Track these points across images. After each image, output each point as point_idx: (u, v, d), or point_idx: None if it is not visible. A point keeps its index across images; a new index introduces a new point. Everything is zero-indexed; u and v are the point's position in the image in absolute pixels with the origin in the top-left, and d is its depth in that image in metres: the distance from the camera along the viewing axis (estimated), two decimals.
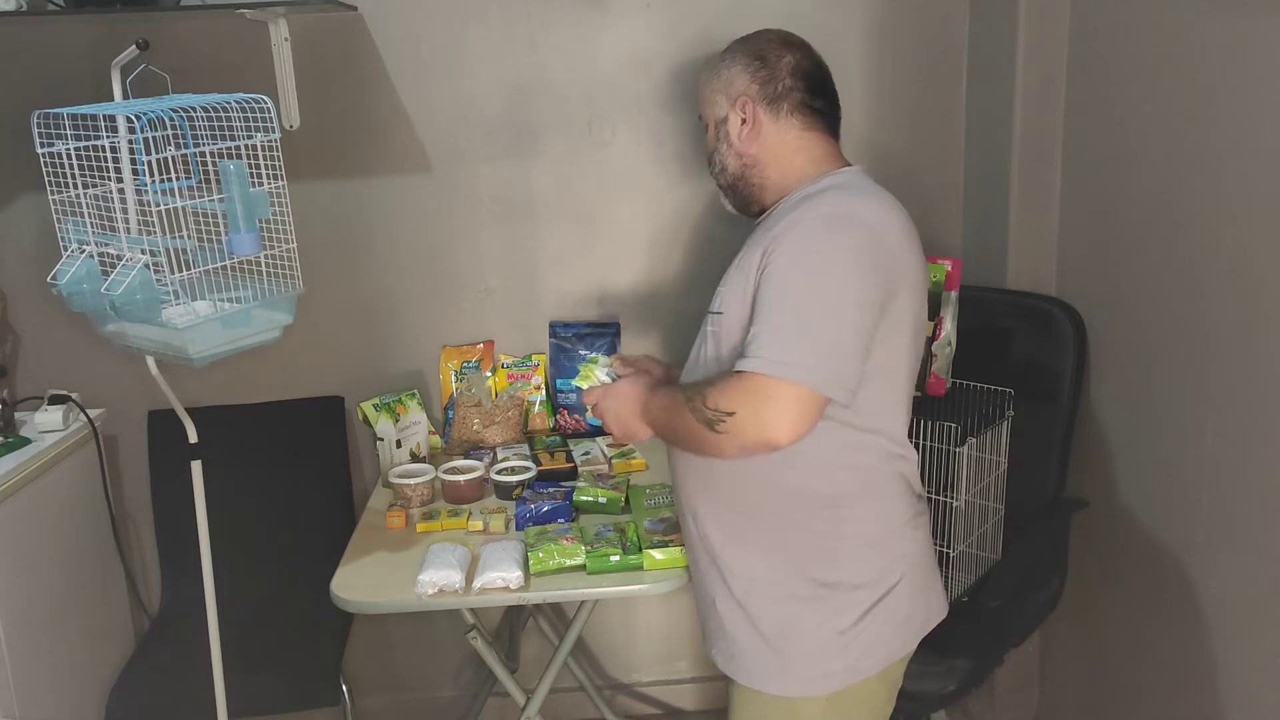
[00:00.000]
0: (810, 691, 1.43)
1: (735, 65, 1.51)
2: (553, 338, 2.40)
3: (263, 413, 2.40)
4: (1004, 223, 2.16)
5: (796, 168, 1.48)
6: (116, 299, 1.42)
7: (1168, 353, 1.73)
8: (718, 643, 1.54)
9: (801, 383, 1.25)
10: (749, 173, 1.50)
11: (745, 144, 1.49)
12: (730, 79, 1.50)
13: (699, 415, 1.31)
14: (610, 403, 1.51)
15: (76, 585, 2.16)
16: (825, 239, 1.33)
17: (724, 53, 1.54)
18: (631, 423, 1.48)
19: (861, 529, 1.42)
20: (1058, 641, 2.20)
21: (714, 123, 1.53)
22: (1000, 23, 2.13)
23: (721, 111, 1.51)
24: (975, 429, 1.86)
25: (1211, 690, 1.65)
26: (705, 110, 1.55)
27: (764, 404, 1.25)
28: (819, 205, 1.37)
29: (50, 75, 2.19)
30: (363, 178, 2.33)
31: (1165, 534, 1.77)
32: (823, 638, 1.42)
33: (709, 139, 1.55)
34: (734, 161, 1.51)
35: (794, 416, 1.25)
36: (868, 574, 1.43)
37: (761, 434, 1.26)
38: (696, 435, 1.33)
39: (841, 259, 1.31)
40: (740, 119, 1.49)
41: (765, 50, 1.50)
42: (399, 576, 1.75)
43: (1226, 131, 1.54)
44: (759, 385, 1.26)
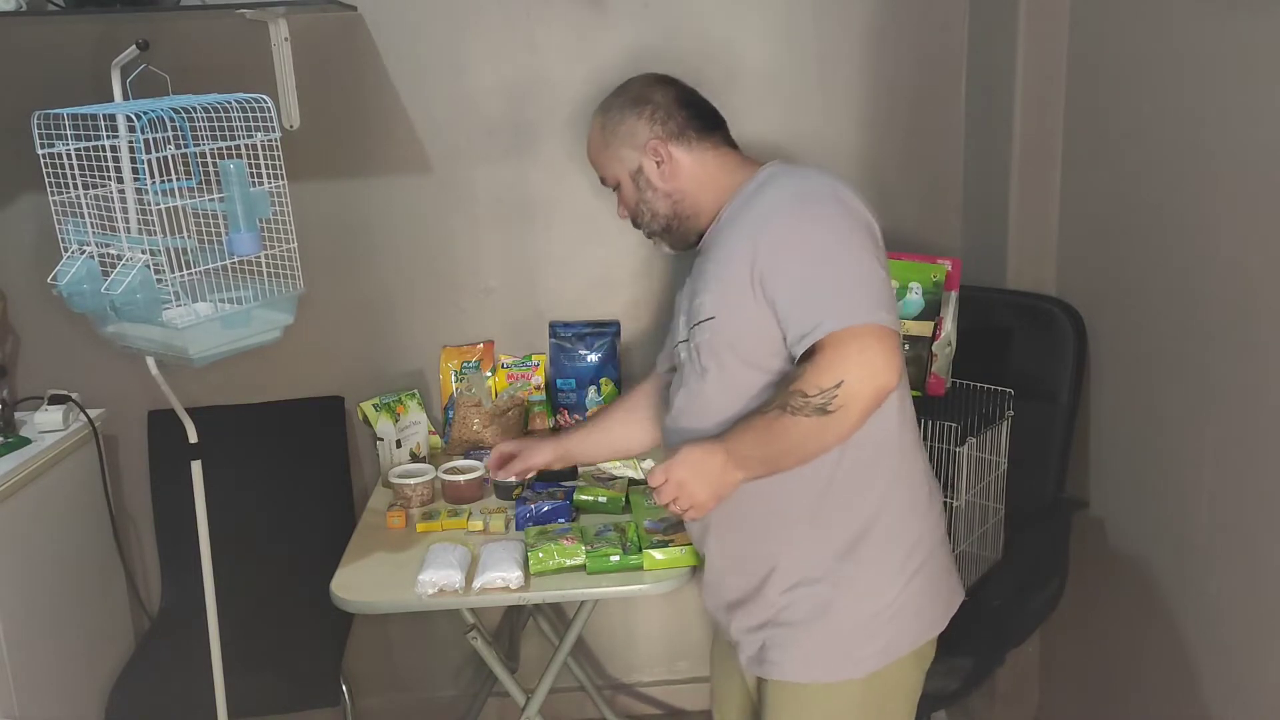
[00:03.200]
0: (847, 674, 1.44)
1: (627, 118, 1.54)
2: (553, 338, 2.40)
3: (263, 413, 2.40)
4: (1004, 223, 2.16)
5: (722, 183, 1.51)
6: (116, 299, 1.42)
7: (1168, 352, 1.73)
8: (747, 647, 1.52)
9: (877, 322, 1.27)
10: (680, 207, 1.53)
11: (669, 183, 1.52)
12: (630, 131, 1.53)
13: (806, 410, 1.26)
14: (684, 469, 1.33)
15: (76, 585, 2.16)
16: (808, 212, 1.37)
17: (604, 114, 1.56)
18: (718, 474, 1.32)
19: (888, 504, 1.44)
20: (1058, 641, 2.20)
21: (628, 177, 1.54)
22: (1000, 23, 2.13)
23: (633, 164, 1.53)
24: (975, 429, 1.86)
25: (1211, 690, 1.65)
26: (612, 170, 1.56)
27: (862, 355, 1.25)
28: (776, 193, 1.41)
29: (50, 75, 2.19)
30: (363, 178, 2.33)
31: (1165, 534, 1.77)
32: (859, 618, 1.43)
33: (627, 196, 1.56)
34: (663, 203, 1.53)
35: (890, 353, 1.27)
36: (897, 551, 1.44)
37: (875, 383, 1.26)
38: (813, 433, 1.27)
39: (832, 221, 1.35)
40: (655, 162, 1.52)
41: (646, 94, 1.54)
42: (399, 576, 1.75)
43: (1226, 131, 1.54)
44: (846, 342, 1.26)
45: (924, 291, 1.92)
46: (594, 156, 1.59)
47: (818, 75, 2.33)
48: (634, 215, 1.57)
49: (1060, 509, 2.03)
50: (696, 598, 2.58)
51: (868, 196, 1.41)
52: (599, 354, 2.36)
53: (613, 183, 1.58)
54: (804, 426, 1.27)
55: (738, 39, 2.29)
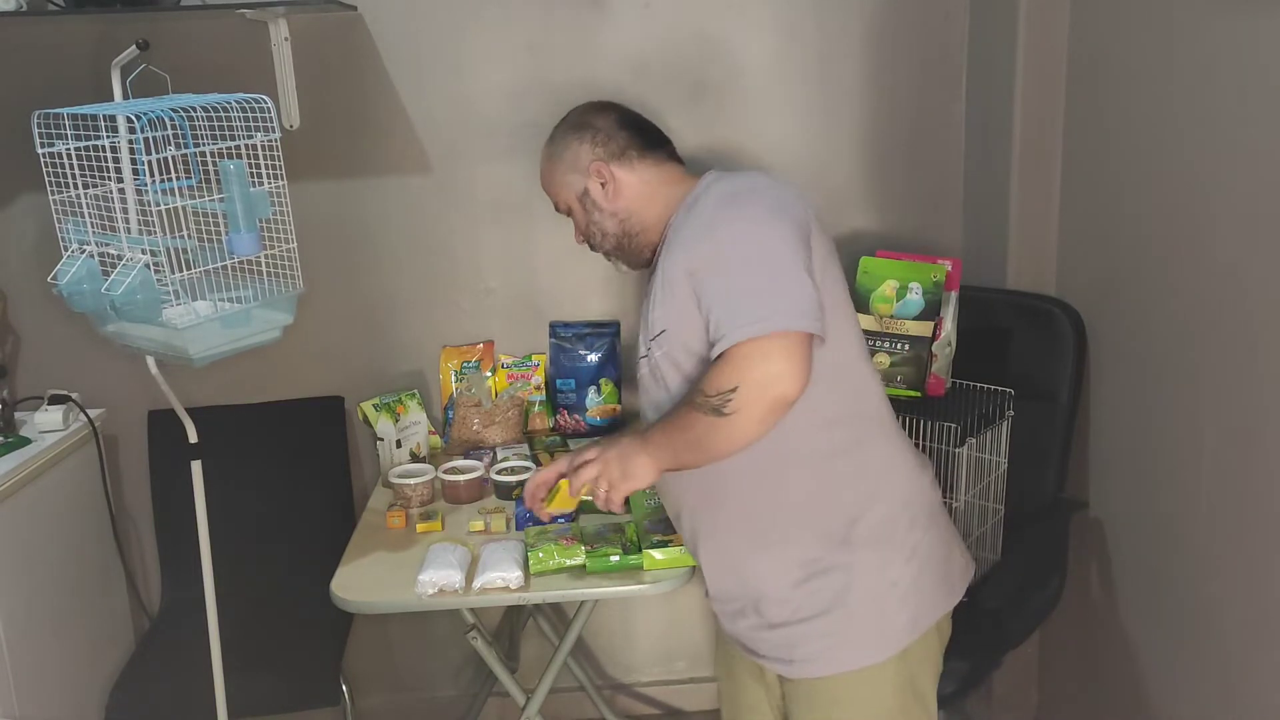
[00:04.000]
0: (882, 655, 1.44)
1: (570, 144, 1.59)
2: (553, 338, 2.40)
3: (263, 413, 2.40)
4: (1004, 223, 2.16)
5: (666, 197, 1.55)
6: (117, 299, 1.42)
7: (1168, 353, 1.73)
8: (767, 649, 1.51)
9: (780, 330, 1.27)
10: (628, 224, 1.57)
11: (614, 202, 1.57)
12: (574, 156, 1.58)
13: (704, 409, 1.29)
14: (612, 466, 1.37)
15: (76, 585, 2.16)
16: (728, 215, 1.39)
17: (550, 144, 1.63)
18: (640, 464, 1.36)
19: (880, 475, 1.46)
20: (1057, 642, 2.20)
21: (577, 200, 1.60)
22: (1000, 22, 2.13)
23: (579, 186, 1.58)
24: (975, 429, 1.86)
25: (1211, 691, 1.65)
26: (562, 196, 1.62)
27: (758, 365, 1.26)
28: (706, 200, 1.44)
29: (50, 75, 2.19)
30: (363, 178, 2.33)
31: (1165, 534, 1.77)
32: (878, 597, 1.44)
33: (578, 220, 1.62)
34: (611, 222, 1.58)
35: (792, 363, 1.26)
36: (899, 521, 1.45)
37: (771, 393, 1.26)
38: (711, 431, 1.29)
39: (752, 220, 1.37)
40: (600, 183, 1.57)
41: (587, 120, 1.60)
42: (399, 576, 1.75)
43: (1227, 131, 1.54)
44: (745, 351, 1.27)
45: (924, 291, 1.92)
46: (545, 184, 1.65)
47: (818, 75, 2.33)
48: (587, 238, 1.63)
49: (1060, 509, 2.03)
50: (696, 598, 2.59)
51: (868, 197, 1.41)
52: (599, 354, 2.36)
53: (564, 208, 1.63)
54: (703, 425, 1.30)
55: (738, 39, 2.29)
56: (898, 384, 1.93)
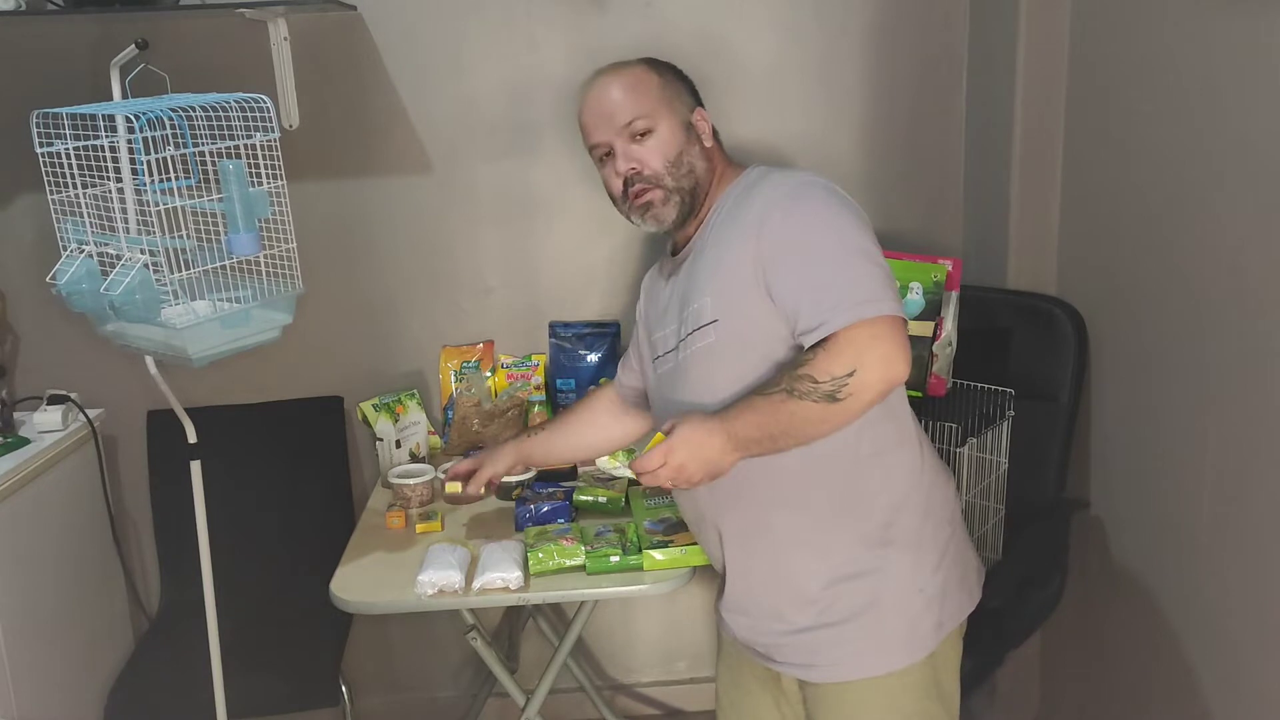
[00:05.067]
0: (909, 660, 1.43)
1: (677, 79, 1.54)
2: (553, 338, 2.40)
3: (262, 413, 2.40)
4: (1004, 222, 2.15)
5: (723, 174, 1.52)
6: (116, 299, 1.42)
7: (1169, 353, 1.73)
8: (788, 656, 1.49)
9: (888, 312, 1.28)
10: (708, 177, 1.51)
11: (710, 151, 1.52)
12: (680, 91, 1.52)
13: (815, 395, 1.26)
14: (685, 449, 1.29)
15: (76, 585, 2.15)
16: (806, 204, 1.37)
17: (650, 64, 1.53)
18: (718, 454, 1.30)
19: (908, 479, 1.45)
20: (1058, 642, 2.20)
21: (679, 125, 1.49)
22: (1000, 22, 2.13)
23: (685, 115, 1.51)
24: (976, 429, 1.86)
25: (1213, 691, 1.64)
26: (659, 111, 1.48)
27: (875, 346, 1.26)
28: (770, 191, 1.40)
29: (49, 75, 2.19)
30: (363, 178, 2.33)
31: (1166, 534, 1.77)
32: (906, 602, 1.43)
33: (665, 141, 1.47)
34: (703, 165, 1.50)
35: (902, 343, 1.28)
36: (928, 526, 1.45)
37: (888, 374, 1.27)
38: (816, 418, 1.27)
39: (833, 213, 1.36)
40: (702, 126, 1.52)
41: (680, 72, 1.56)
42: (399, 576, 1.75)
43: (1227, 131, 1.54)
44: (859, 335, 1.26)
45: (924, 291, 1.92)
46: (631, 94, 1.48)
47: (818, 74, 2.33)
48: (669, 164, 1.46)
49: (1060, 509, 2.03)
50: (696, 598, 2.59)
51: (868, 197, 1.41)
52: (599, 354, 2.35)
53: (645, 125, 1.46)
54: (809, 411, 1.27)
55: (739, 38, 2.29)
56: None
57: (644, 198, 1.48)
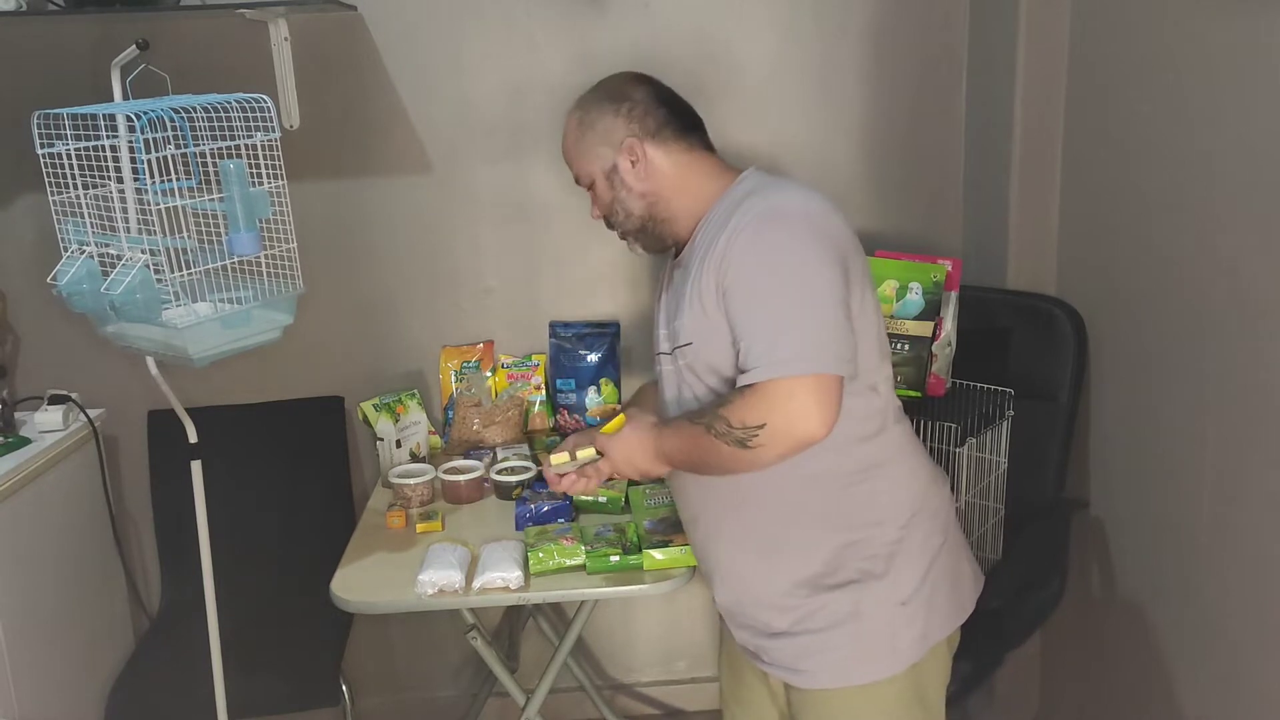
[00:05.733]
0: (889, 671, 1.43)
1: (604, 114, 1.51)
2: (553, 338, 2.40)
3: (263, 413, 2.40)
4: (1004, 223, 2.16)
5: (699, 189, 1.48)
6: (116, 299, 1.42)
7: (1168, 353, 1.73)
8: (775, 655, 1.49)
9: (813, 372, 1.26)
10: (655, 209, 1.50)
11: (644, 183, 1.49)
12: (607, 128, 1.50)
13: (727, 438, 1.29)
14: (620, 450, 1.47)
15: (76, 585, 2.16)
16: (769, 234, 1.34)
17: (581, 110, 1.54)
18: (647, 465, 1.45)
19: (896, 494, 1.44)
20: (1058, 642, 2.20)
21: (602, 176, 1.51)
22: (1000, 22, 2.13)
23: (608, 161, 1.50)
24: (975, 429, 1.86)
25: (1212, 691, 1.65)
26: (587, 168, 1.53)
27: (788, 405, 1.25)
28: (747, 211, 1.38)
29: (50, 75, 2.19)
30: (363, 178, 2.33)
31: (1165, 534, 1.77)
32: (890, 612, 1.43)
33: (601, 194, 1.53)
34: (638, 204, 1.50)
35: (821, 406, 1.26)
36: (915, 536, 1.44)
37: (797, 434, 1.26)
38: (728, 457, 1.31)
39: (793, 245, 1.33)
40: (630, 161, 1.49)
41: (623, 90, 1.52)
42: (399, 576, 1.75)
43: (1227, 131, 1.54)
44: (775, 389, 1.26)
45: (924, 291, 1.92)
46: (569, 154, 1.56)
47: (818, 75, 2.33)
48: (608, 215, 1.54)
49: (1060, 509, 2.03)
50: (696, 598, 2.59)
51: (868, 197, 1.40)
52: (599, 354, 2.35)
53: (587, 181, 1.54)
54: (722, 451, 1.31)
55: (738, 39, 2.29)
56: (898, 384, 1.92)
57: (616, 233, 1.57)
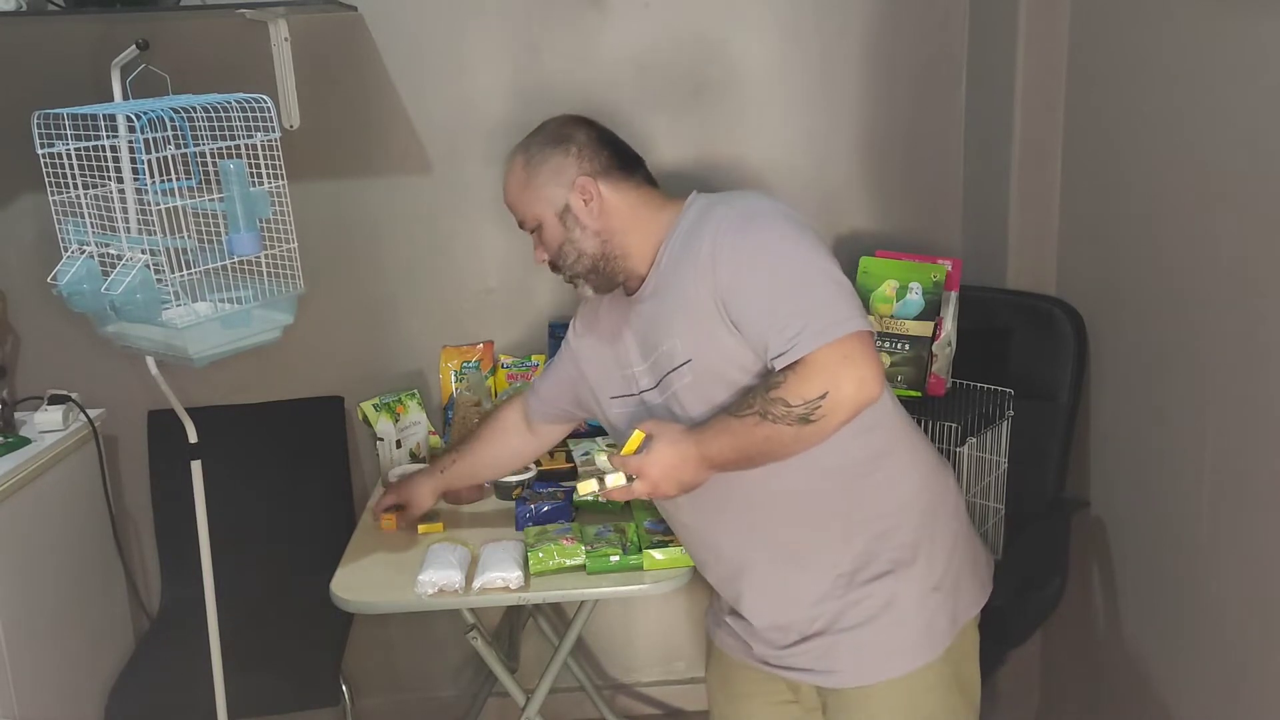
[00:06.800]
0: (927, 657, 1.44)
1: (551, 155, 1.50)
2: (552, 338, 2.40)
3: (263, 413, 2.40)
4: (1004, 223, 2.16)
5: (650, 222, 1.48)
6: (116, 299, 1.42)
7: (1169, 352, 1.73)
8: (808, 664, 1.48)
9: (855, 330, 1.28)
10: (609, 247, 1.49)
11: (597, 220, 1.48)
12: (556, 169, 1.49)
13: (788, 418, 1.27)
14: (658, 469, 1.35)
15: (76, 585, 2.16)
16: (754, 234, 1.37)
17: (525, 153, 1.53)
18: (693, 475, 1.35)
19: (910, 479, 1.47)
20: (1059, 641, 2.20)
21: (553, 216, 1.49)
22: (1000, 22, 2.13)
23: (560, 202, 1.49)
24: (975, 429, 1.86)
25: (1213, 691, 1.65)
26: (534, 210, 1.51)
27: (846, 368, 1.26)
28: (718, 222, 1.39)
29: (50, 75, 2.19)
30: (363, 178, 2.33)
31: (1166, 534, 1.77)
32: (923, 599, 1.44)
33: (550, 237, 1.51)
34: (592, 242, 1.49)
35: (872, 362, 1.28)
36: (936, 520, 1.47)
37: (862, 394, 1.27)
38: (790, 438, 1.29)
39: (782, 232, 1.36)
40: (584, 200, 1.48)
41: (567, 133, 1.52)
42: (399, 577, 1.74)
43: (1228, 130, 1.54)
44: (827, 357, 1.26)
45: (924, 291, 1.92)
46: (514, 198, 1.54)
47: (818, 75, 2.33)
48: (557, 257, 1.52)
49: (1060, 509, 2.03)
50: (696, 598, 2.59)
51: (868, 197, 1.40)
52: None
53: (533, 224, 1.53)
54: (783, 434, 1.28)
55: (738, 39, 2.29)
56: (898, 384, 1.93)
57: (562, 276, 1.55)
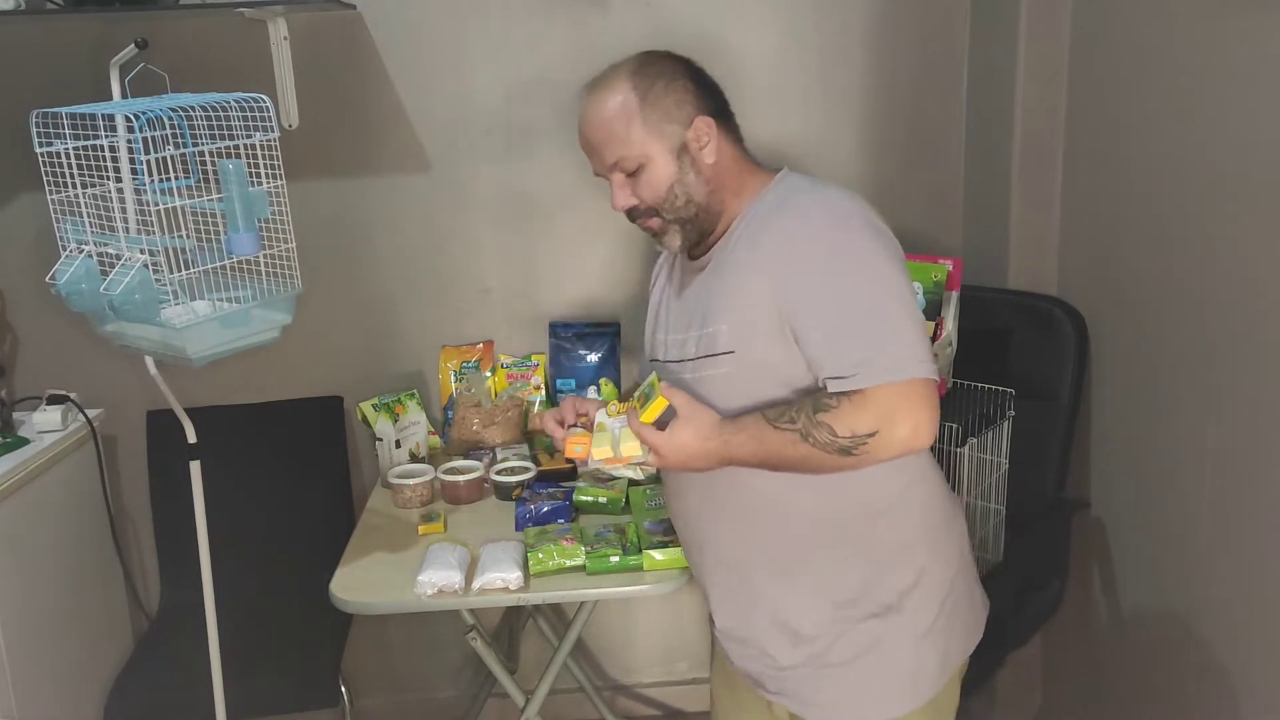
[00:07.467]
0: (911, 705, 1.37)
1: (670, 87, 1.34)
2: (553, 338, 2.40)
3: (262, 413, 2.40)
4: (1004, 222, 2.15)
5: (742, 184, 1.38)
6: (115, 299, 1.42)
7: (1169, 353, 1.73)
8: (782, 688, 1.43)
9: (921, 376, 1.20)
10: (713, 198, 1.36)
11: (710, 166, 1.35)
12: (678, 102, 1.34)
13: (830, 447, 1.20)
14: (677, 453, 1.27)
15: (75, 586, 2.15)
16: (834, 235, 1.27)
17: (634, 83, 1.35)
18: (706, 466, 1.29)
19: (923, 520, 1.38)
20: (1059, 642, 2.20)
21: (669, 153, 1.34)
22: (1001, 21, 2.13)
23: (677, 139, 1.34)
24: (976, 429, 1.86)
25: (1214, 693, 1.64)
26: (642, 147, 1.34)
27: (903, 412, 1.19)
28: (799, 217, 1.30)
29: (48, 74, 2.19)
30: (362, 177, 2.33)
31: (1166, 535, 1.77)
32: (911, 645, 1.37)
33: (658, 177, 1.34)
34: (702, 190, 1.35)
35: (931, 412, 1.20)
36: (935, 563, 1.38)
37: (911, 442, 1.20)
38: (820, 463, 1.22)
39: (863, 245, 1.26)
40: (700, 142, 1.34)
41: (677, 67, 1.37)
42: (398, 577, 1.74)
43: (1229, 131, 1.54)
44: (888, 396, 1.19)
45: (924, 291, 1.92)
46: (610, 131, 1.35)
47: (818, 74, 2.33)
48: (660, 200, 1.35)
49: (1061, 509, 2.03)
50: (696, 598, 2.58)
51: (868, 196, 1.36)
52: (599, 354, 2.35)
53: (634, 162, 1.35)
54: (819, 460, 1.22)
55: (739, 38, 2.29)
56: None
57: (646, 226, 1.40)
